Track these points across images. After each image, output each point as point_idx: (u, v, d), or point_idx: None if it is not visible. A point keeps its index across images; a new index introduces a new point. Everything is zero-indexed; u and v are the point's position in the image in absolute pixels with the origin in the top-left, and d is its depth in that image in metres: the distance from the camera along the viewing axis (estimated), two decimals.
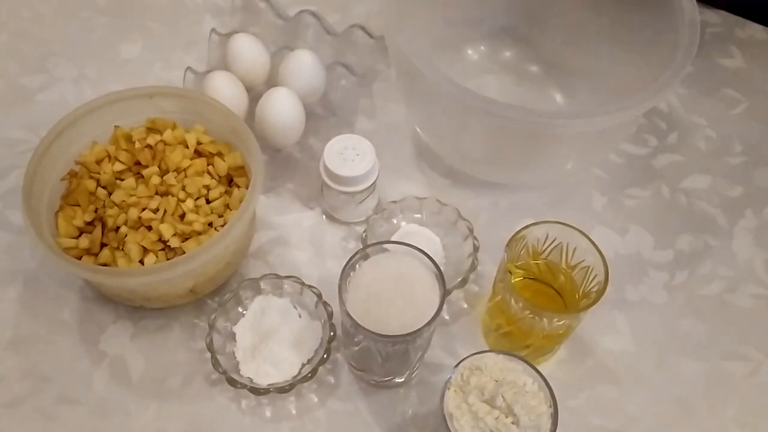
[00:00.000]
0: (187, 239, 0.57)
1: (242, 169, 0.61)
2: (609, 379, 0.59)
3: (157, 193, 0.58)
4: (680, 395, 0.59)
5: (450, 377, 0.48)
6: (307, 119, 0.67)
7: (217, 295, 0.61)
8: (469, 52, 0.76)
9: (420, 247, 0.53)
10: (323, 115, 0.71)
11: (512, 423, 0.46)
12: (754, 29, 0.83)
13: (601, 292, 0.51)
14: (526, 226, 0.54)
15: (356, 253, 0.52)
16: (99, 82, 0.75)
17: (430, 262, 0.52)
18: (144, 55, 0.78)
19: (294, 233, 0.66)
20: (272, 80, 0.69)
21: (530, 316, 0.52)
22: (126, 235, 0.56)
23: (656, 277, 0.65)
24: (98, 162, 0.60)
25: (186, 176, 0.59)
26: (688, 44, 0.58)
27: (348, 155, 0.62)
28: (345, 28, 0.75)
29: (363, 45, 0.75)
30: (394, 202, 0.65)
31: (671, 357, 0.60)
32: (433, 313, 0.50)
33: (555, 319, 0.52)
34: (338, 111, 0.72)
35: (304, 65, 0.67)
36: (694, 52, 0.58)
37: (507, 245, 0.53)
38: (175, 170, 0.59)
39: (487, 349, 0.60)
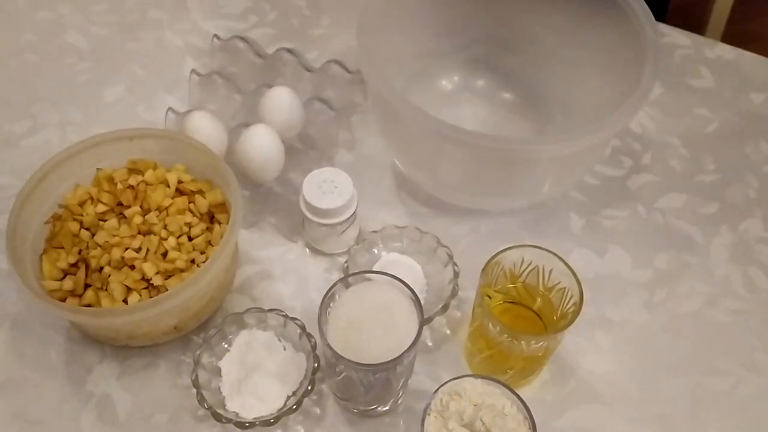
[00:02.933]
0: (170, 277, 0.58)
1: (223, 206, 0.62)
2: (592, 399, 0.60)
3: (139, 233, 0.59)
4: (663, 412, 0.59)
5: (429, 403, 0.48)
6: (287, 154, 0.68)
7: (202, 331, 0.62)
8: (444, 82, 0.78)
9: (400, 276, 0.54)
10: (303, 149, 0.73)
11: None
12: (723, 50, 0.85)
13: (576, 312, 0.52)
14: (501, 251, 0.55)
15: (334, 284, 0.53)
16: (83, 126, 0.77)
17: (408, 290, 0.53)
18: (127, 98, 0.79)
19: (277, 267, 0.67)
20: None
21: (508, 339, 0.52)
22: (109, 275, 0.57)
23: (636, 295, 0.66)
24: (81, 204, 0.61)
25: (168, 215, 0.60)
26: (652, 68, 0.60)
27: (326, 188, 0.63)
28: (322, 64, 0.77)
29: (341, 80, 0.77)
30: (375, 231, 0.66)
31: (653, 375, 0.61)
32: (412, 341, 0.50)
33: (533, 342, 0.52)
34: (317, 145, 0.73)
35: (283, 102, 0.69)
36: (658, 75, 0.59)
37: (482, 270, 0.54)
38: (157, 209, 0.60)
39: (470, 373, 0.60)
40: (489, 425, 0.46)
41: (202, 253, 0.60)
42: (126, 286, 0.57)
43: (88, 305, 0.57)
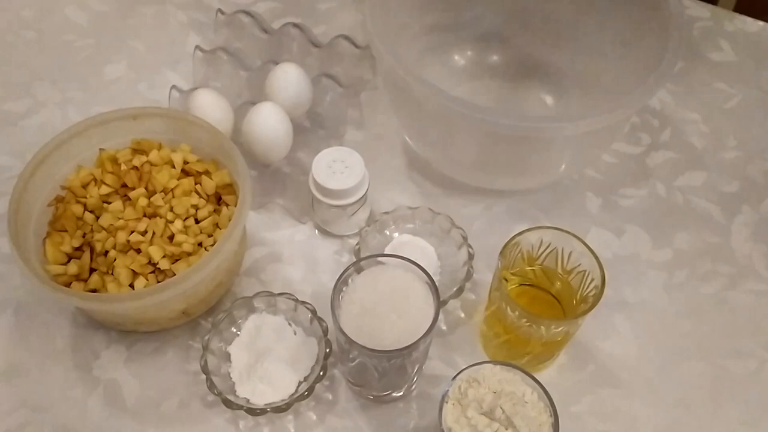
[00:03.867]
0: (177, 261, 0.56)
1: (230, 187, 0.60)
2: (611, 383, 0.58)
3: (145, 215, 0.58)
4: (684, 396, 0.58)
5: (447, 390, 0.47)
6: (295, 133, 0.66)
7: (211, 316, 0.60)
8: (456, 57, 0.75)
9: (413, 258, 0.52)
10: (311, 128, 0.71)
11: None
12: (743, 22, 0.82)
13: (598, 296, 0.51)
14: (520, 233, 0.53)
15: (347, 269, 0.51)
16: (84, 104, 0.74)
17: (423, 274, 0.51)
18: (129, 76, 0.77)
19: (286, 249, 0.65)
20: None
21: (527, 324, 0.51)
22: (115, 259, 0.56)
23: (655, 277, 0.64)
24: (84, 186, 0.59)
25: (173, 196, 0.59)
26: (677, 42, 0.57)
27: (337, 168, 0.61)
28: (330, 39, 0.74)
29: (349, 55, 0.74)
30: (387, 213, 0.64)
31: (674, 358, 0.60)
32: (428, 326, 0.49)
33: (552, 327, 0.51)
34: (326, 123, 0.71)
35: (290, 78, 0.67)
36: (683, 50, 0.57)
37: (501, 253, 0.52)
38: (163, 191, 0.59)
39: (487, 358, 0.59)
40: (510, 413, 0.45)
41: (210, 236, 0.58)
42: (132, 270, 0.55)
43: (94, 290, 0.55)
